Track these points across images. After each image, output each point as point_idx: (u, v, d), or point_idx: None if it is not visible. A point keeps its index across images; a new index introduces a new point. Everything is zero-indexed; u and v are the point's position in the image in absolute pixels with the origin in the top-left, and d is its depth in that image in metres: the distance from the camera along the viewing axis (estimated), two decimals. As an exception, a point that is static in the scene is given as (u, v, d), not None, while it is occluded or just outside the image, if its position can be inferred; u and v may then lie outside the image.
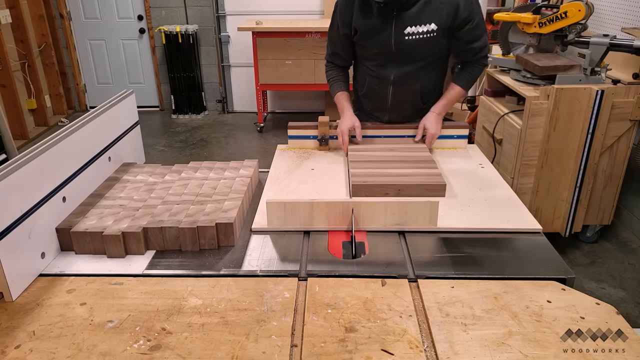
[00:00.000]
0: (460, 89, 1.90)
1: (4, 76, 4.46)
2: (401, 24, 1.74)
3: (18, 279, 1.18)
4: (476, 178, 1.74)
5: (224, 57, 5.44)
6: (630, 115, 2.53)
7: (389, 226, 1.41)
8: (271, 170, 1.80)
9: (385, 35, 1.77)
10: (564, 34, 2.63)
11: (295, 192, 1.63)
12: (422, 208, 1.39)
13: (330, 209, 1.40)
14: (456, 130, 1.99)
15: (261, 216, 1.48)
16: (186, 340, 1.03)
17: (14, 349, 1.02)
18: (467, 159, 1.91)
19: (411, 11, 1.73)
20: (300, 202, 1.41)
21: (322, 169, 1.80)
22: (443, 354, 0.98)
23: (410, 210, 1.39)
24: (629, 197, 2.98)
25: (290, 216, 1.41)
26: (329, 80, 2.03)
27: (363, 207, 1.40)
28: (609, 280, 2.59)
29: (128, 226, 1.34)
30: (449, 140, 2.00)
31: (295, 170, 1.80)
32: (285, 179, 1.73)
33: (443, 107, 1.88)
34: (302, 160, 1.88)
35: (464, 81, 1.91)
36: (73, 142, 1.46)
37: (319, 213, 1.41)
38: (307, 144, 2.00)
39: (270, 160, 1.88)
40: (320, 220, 1.42)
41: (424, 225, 1.41)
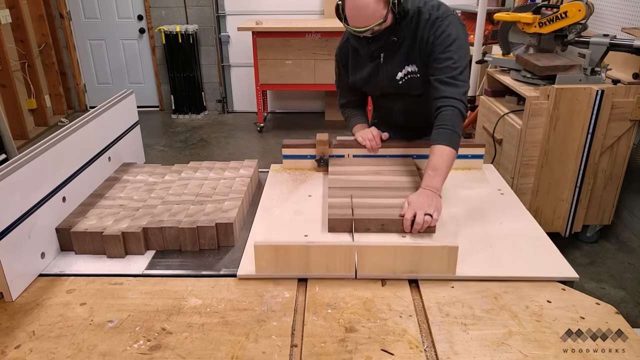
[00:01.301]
0: (443, 148, 1.45)
1: (4, 76, 4.46)
2: (390, 69, 1.66)
3: (18, 279, 1.18)
4: (496, 208, 1.53)
5: (224, 57, 5.43)
6: (630, 115, 2.53)
7: (399, 274, 1.22)
8: (263, 196, 1.62)
9: (379, 81, 1.71)
10: (564, 34, 2.63)
11: (290, 226, 1.43)
12: (438, 254, 1.19)
13: (330, 254, 1.20)
14: (470, 149, 1.78)
15: (248, 260, 1.27)
16: (186, 340, 1.03)
17: (14, 349, 1.02)
18: (483, 183, 1.70)
19: (397, 55, 1.63)
20: (294, 245, 1.20)
21: (320, 195, 1.61)
22: (443, 353, 0.98)
23: (424, 256, 1.19)
24: (629, 197, 2.97)
25: (283, 262, 1.21)
26: (347, 117, 1.90)
27: (369, 252, 1.20)
28: (609, 280, 2.59)
29: (128, 226, 1.34)
30: (463, 161, 1.76)
31: (290, 196, 1.61)
32: (278, 207, 1.54)
33: (430, 178, 1.42)
34: (297, 185, 1.69)
35: (444, 136, 1.47)
36: (73, 142, 1.46)
37: (317, 258, 1.20)
38: (304, 164, 1.80)
39: (270, 160, 1.88)
40: (319, 266, 1.21)
41: (440, 273, 1.21)
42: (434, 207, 1.34)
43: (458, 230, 1.40)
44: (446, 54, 1.54)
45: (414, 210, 1.34)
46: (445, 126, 1.49)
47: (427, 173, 1.44)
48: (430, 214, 1.33)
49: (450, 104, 1.51)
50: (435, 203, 1.36)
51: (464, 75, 1.55)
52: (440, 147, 1.46)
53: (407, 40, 1.60)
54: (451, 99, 1.51)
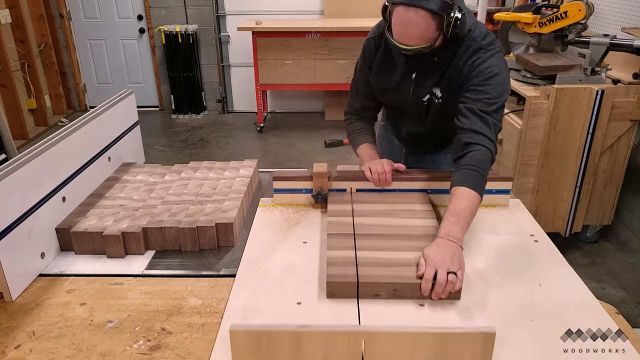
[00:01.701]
0: (468, 192, 1.25)
1: (3, 76, 4.46)
2: (418, 88, 1.51)
3: (18, 279, 1.18)
4: (531, 262, 1.26)
5: (223, 57, 5.43)
6: (630, 115, 2.53)
7: None
8: (248, 243, 1.35)
9: (403, 95, 1.54)
10: (564, 34, 2.63)
11: (279, 288, 1.17)
12: (470, 342, 0.91)
13: (329, 342, 0.91)
14: (495, 183, 1.48)
15: (223, 350, 0.98)
16: (186, 340, 1.03)
17: (14, 349, 1.02)
18: (512, 226, 1.42)
19: (430, 75, 1.48)
20: (283, 331, 0.92)
21: (317, 241, 1.35)
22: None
23: (452, 345, 0.91)
24: (629, 197, 2.97)
25: (267, 352, 0.92)
26: (349, 134, 1.67)
27: (379, 340, 0.91)
28: (609, 280, 2.59)
29: (128, 226, 1.34)
30: (487, 197, 1.41)
31: (282, 243, 1.35)
32: (266, 260, 1.27)
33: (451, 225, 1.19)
34: (291, 227, 1.42)
35: (470, 179, 1.27)
36: (73, 142, 1.46)
37: (312, 348, 0.92)
38: (298, 199, 1.53)
39: (270, 160, 1.87)
40: (314, 357, 0.93)
41: None
42: (457, 264, 1.10)
43: (488, 295, 1.14)
44: (483, 87, 1.36)
45: (434, 268, 1.08)
46: (473, 168, 1.28)
47: (447, 219, 1.21)
48: (454, 272, 1.08)
49: (482, 144, 1.32)
50: (458, 257, 1.12)
51: (498, 114, 1.37)
52: (465, 190, 1.25)
53: (443, 62, 1.45)
54: (483, 137, 1.32)
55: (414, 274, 1.11)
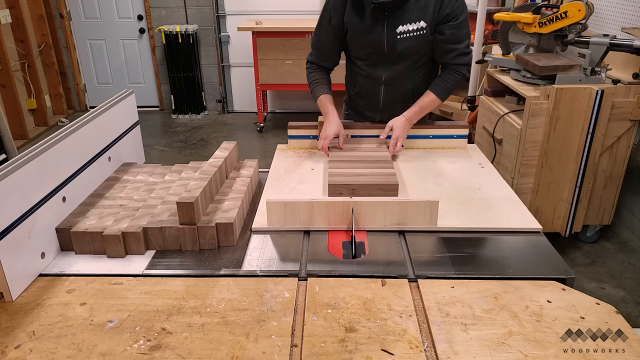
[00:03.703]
0: (434, 97, 1.84)
1: (4, 76, 4.46)
2: (393, 23, 1.76)
3: (18, 279, 1.18)
4: (476, 178, 1.73)
5: (224, 57, 5.44)
6: (630, 115, 2.53)
7: (388, 226, 1.41)
8: (271, 170, 1.80)
9: (377, 35, 1.78)
10: (564, 34, 2.63)
11: (295, 192, 1.63)
12: (422, 208, 1.39)
13: (330, 209, 1.40)
14: (456, 130, 1.98)
15: (261, 216, 1.48)
16: (186, 340, 1.03)
17: (14, 349, 1.02)
18: (466, 158, 1.90)
19: (402, 10, 1.74)
20: (300, 201, 1.41)
21: (321, 168, 1.80)
22: (443, 353, 0.98)
23: (410, 209, 1.39)
24: (629, 197, 2.98)
25: (291, 216, 1.41)
26: (311, 82, 1.98)
27: (363, 207, 1.40)
28: (609, 280, 2.59)
29: (128, 226, 1.34)
30: (449, 140, 1.98)
31: (295, 170, 1.79)
32: (285, 178, 1.72)
33: (414, 113, 1.83)
34: (302, 160, 1.87)
35: (439, 88, 1.85)
36: (73, 142, 1.46)
37: (319, 213, 1.40)
38: (307, 143, 1.99)
39: (270, 160, 1.88)
40: (320, 220, 1.41)
41: (423, 225, 1.41)
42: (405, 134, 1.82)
43: (441, 193, 1.61)
44: (463, 24, 1.77)
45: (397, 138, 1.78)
46: (446, 82, 1.84)
47: (413, 107, 1.83)
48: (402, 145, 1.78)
49: (461, 72, 1.84)
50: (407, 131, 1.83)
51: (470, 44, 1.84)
52: (432, 95, 1.84)
53: None
54: (464, 67, 1.84)
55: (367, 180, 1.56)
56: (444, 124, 1.99)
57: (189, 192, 1.37)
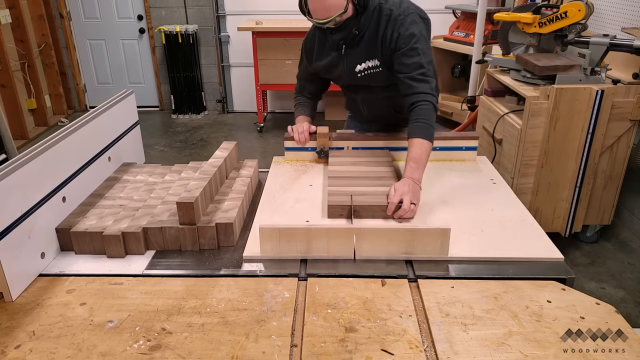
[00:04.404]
0: (421, 141, 1.55)
1: (4, 76, 4.46)
2: (350, 62, 1.74)
3: (18, 279, 1.18)
4: (488, 196, 1.60)
5: (223, 57, 5.43)
6: (630, 115, 2.53)
7: (394, 255, 1.29)
8: (266, 185, 1.68)
9: (339, 72, 1.79)
10: (564, 34, 2.63)
11: (292, 212, 1.50)
12: (432, 236, 1.26)
13: (330, 236, 1.27)
14: (464, 141, 1.85)
15: (253, 242, 1.34)
16: (186, 340, 1.03)
17: (14, 349, 1.02)
18: (477, 173, 1.77)
19: (357, 48, 1.70)
20: (297, 227, 1.28)
21: (320, 185, 1.68)
22: (443, 353, 0.98)
23: (418, 238, 1.26)
24: (629, 197, 2.97)
25: (286, 243, 1.28)
26: (295, 105, 1.98)
27: (366, 234, 1.27)
28: (609, 280, 2.59)
29: (128, 226, 1.34)
30: (457, 153, 1.85)
31: (292, 186, 1.67)
32: (281, 196, 1.61)
33: (411, 169, 1.51)
34: (299, 175, 1.75)
35: (421, 130, 1.57)
36: (73, 142, 1.46)
37: (317, 240, 1.27)
38: (305, 156, 1.87)
39: (270, 161, 1.88)
40: (319, 248, 1.28)
41: (433, 255, 1.28)
42: (417, 199, 1.46)
43: (451, 215, 1.47)
44: (413, 52, 1.62)
45: (401, 196, 1.42)
46: (421, 120, 1.58)
47: (409, 165, 1.52)
48: (414, 203, 1.43)
49: (425, 99, 1.60)
50: (418, 194, 1.47)
51: (431, 70, 1.65)
52: (418, 141, 1.55)
53: (368, 35, 1.67)
54: (424, 94, 1.60)
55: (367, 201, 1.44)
56: (452, 135, 1.88)
57: (189, 192, 1.37)
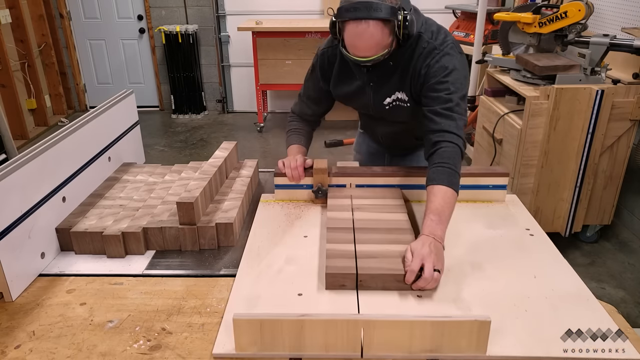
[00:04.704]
0: (444, 190, 1.27)
1: (4, 76, 4.46)
2: (379, 94, 1.54)
3: (18, 279, 1.18)
4: (527, 255, 1.28)
5: (224, 57, 5.43)
6: (630, 115, 2.53)
7: (415, 353, 0.97)
8: (250, 235, 1.39)
9: (365, 102, 1.59)
10: (564, 34, 2.63)
11: (280, 280, 1.19)
12: (466, 330, 0.94)
13: (330, 329, 0.95)
14: (492, 178, 1.53)
15: (227, 334, 1.02)
16: (186, 340, 1.03)
17: (14, 349, 1.02)
18: (508, 221, 1.45)
19: (389, 81, 1.51)
20: (285, 320, 0.96)
21: (317, 237, 1.37)
22: (443, 354, 0.96)
23: (448, 332, 0.95)
24: (629, 197, 2.97)
25: (270, 338, 0.96)
26: (287, 131, 1.70)
27: (378, 328, 0.95)
28: (609, 280, 2.59)
29: (128, 226, 1.34)
30: (483, 192, 1.53)
31: (283, 237, 1.37)
32: (268, 253, 1.30)
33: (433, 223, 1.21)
34: (291, 221, 1.45)
35: (444, 176, 1.29)
36: (73, 142, 1.46)
37: (313, 335, 0.96)
38: (299, 194, 1.56)
39: (270, 160, 1.87)
40: (315, 344, 0.97)
41: (467, 353, 0.96)
42: (441, 263, 1.14)
43: (485, 287, 1.16)
44: (442, 85, 1.39)
45: (421, 261, 1.11)
46: (445, 165, 1.31)
47: (430, 218, 1.22)
48: (438, 270, 1.12)
49: (449, 140, 1.34)
50: (441, 256, 1.16)
51: (461, 107, 1.39)
52: (441, 189, 1.27)
53: (402, 66, 1.47)
54: (449, 134, 1.35)
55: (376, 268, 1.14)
56: (476, 171, 1.56)
57: (189, 192, 1.37)
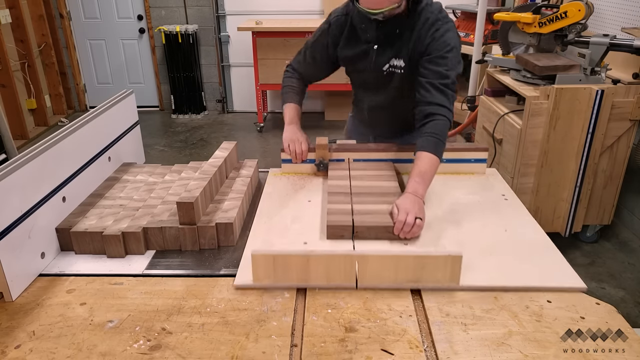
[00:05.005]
0: (430, 156, 1.46)
1: (4, 76, 4.46)
2: (380, 58, 1.65)
3: (18, 279, 1.18)
4: (500, 215, 1.49)
5: (223, 57, 5.43)
6: (630, 115, 2.53)
7: (400, 283, 1.18)
8: (261, 201, 1.58)
9: (364, 66, 1.70)
10: (564, 34, 2.63)
11: (288, 233, 1.39)
12: (441, 263, 1.15)
13: (330, 263, 1.17)
14: (474, 153, 1.74)
15: (246, 268, 1.24)
16: (186, 340, 1.03)
17: (14, 349, 1.02)
18: (486, 188, 1.65)
19: (391, 46, 1.63)
20: (293, 255, 1.17)
21: (319, 201, 1.57)
22: (443, 353, 0.98)
23: (427, 265, 1.16)
24: (629, 197, 2.98)
25: (282, 271, 1.17)
26: (284, 87, 1.81)
27: (370, 262, 1.16)
28: (609, 280, 2.59)
29: (128, 226, 1.34)
30: (466, 165, 1.74)
31: (289, 202, 1.57)
32: (277, 214, 1.50)
33: (416, 184, 1.42)
34: (297, 190, 1.64)
35: (431, 145, 1.48)
36: (73, 142, 1.46)
37: (316, 267, 1.17)
38: (303, 168, 1.76)
39: (270, 160, 1.88)
40: (318, 276, 1.18)
41: (443, 283, 1.17)
42: (421, 213, 1.35)
43: (461, 237, 1.36)
44: (443, 60, 1.53)
45: (405, 213, 1.32)
46: (435, 135, 1.49)
47: (414, 179, 1.43)
48: (420, 218, 1.32)
49: (442, 114, 1.51)
50: (422, 208, 1.37)
51: (454, 85, 1.55)
52: (428, 155, 1.47)
53: (406, 33, 1.60)
54: (443, 108, 1.51)
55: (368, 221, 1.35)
56: (459, 147, 1.77)
57: (189, 192, 1.37)
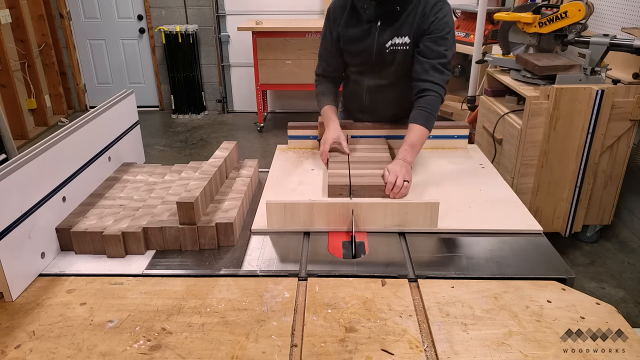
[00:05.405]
0: (420, 128, 1.66)
1: (4, 76, 4.46)
2: (383, 36, 1.75)
3: (18, 279, 1.18)
4: (477, 179, 1.73)
5: (224, 57, 5.44)
6: (630, 115, 2.53)
7: (389, 227, 1.42)
8: (271, 170, 1.80)
9: (367, 45, 1.78)
10: (564, 34, 2.63)
11: (295, 193, 1.62)
12: (422, 209, 1.40)
13: (330, 210, 1.40)
14: (456, 130, 1.98)
15: (261, 217, 1.48)
16: (186, 340, 1.03)
17: (14, 349, 1.02)
18: (467, 159, 1.90)
19: (392, 24, 1.73)
20: (300, 203, 1.41)
21: (321, 169, 1.80)
22: (443, 353, 0.98)
23: (410, 211, 1.40)
24: (629, 197, 2.98)
25: (290, 217, 1.41)
26: (318, 94, 1.96)
27: (363, 208, 1.40)
28: (609, 280, 2.59)
29: (128, 226, 1.34)
30: (449, 141, 1.99)
31: (295, 170, 1.80)
32: (285, 179, 1.73)
33: (406, 152, 1.62)
34: (301, 161, 1.87)
35: (422, 118, 1.67)
36: (73, 142, 1.46)
37: (318, 214, 1.41)
38: (307, 144, 2.00)
39: (270, 160, 1.88)
40: (320, 221, 1.42)
41: (424, 227, 1.41)
42: (409, 176, 1.57)
43: (442, 195, 1.58)
44: (443, 41, 1.69)
45: (395, 175, 1.52)
46: (427, 109, 1.68)
47: (404, 147, 1.63)
48: (407, 180, 1.54)
49: (436, 90, 1.68)
50: (410, 173, 1.58)
51: (450, 64, 1.73)
52: (418, 127, 1.67)
53: (407, 11, 1.71)
54: (437, 86, 1.69)
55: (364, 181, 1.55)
56: (444, 124, 1.98)
57: (189, 192, 1.37)
